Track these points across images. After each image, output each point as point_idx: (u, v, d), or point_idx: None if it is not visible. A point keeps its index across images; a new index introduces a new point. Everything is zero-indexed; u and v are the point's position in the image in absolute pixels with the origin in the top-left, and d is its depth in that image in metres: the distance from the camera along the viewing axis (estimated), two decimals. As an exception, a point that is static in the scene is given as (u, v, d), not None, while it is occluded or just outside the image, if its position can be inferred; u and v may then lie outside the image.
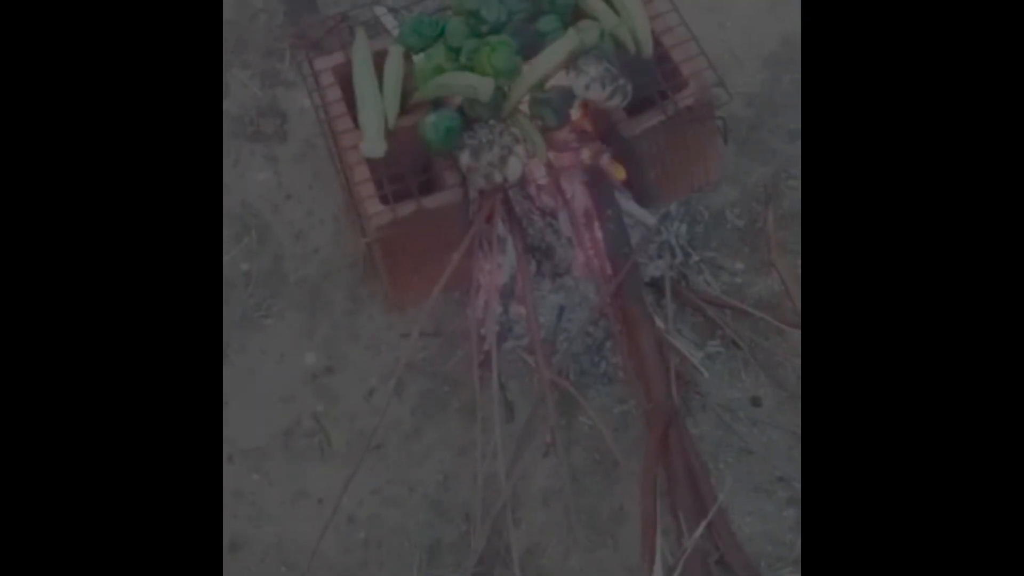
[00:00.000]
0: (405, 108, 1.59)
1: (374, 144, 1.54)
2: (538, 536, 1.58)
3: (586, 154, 1.63)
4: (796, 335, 1.67)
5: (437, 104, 1.57)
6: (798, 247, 1.77)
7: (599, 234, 1.69)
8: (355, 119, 1.60)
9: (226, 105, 2.02)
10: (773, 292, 1.75)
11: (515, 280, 1.70)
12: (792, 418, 1.64)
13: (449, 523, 1.61)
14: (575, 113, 1.55)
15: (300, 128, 1.99)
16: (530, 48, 1.55)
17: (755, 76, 1.95)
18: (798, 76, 1.95)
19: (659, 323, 1.63)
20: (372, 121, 1.55)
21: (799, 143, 1.88)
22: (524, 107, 1.55)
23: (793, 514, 1.58)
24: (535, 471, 1.63)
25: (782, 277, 1.70)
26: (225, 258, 1.84)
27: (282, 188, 1.94)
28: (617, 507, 1.61)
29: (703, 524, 1.42)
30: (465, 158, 1.48)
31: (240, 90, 2.04)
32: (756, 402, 1.67)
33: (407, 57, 1.62)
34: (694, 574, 1.41)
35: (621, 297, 1.63)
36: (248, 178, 1.95)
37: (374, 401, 1.72)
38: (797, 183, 1.85)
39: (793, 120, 1.91)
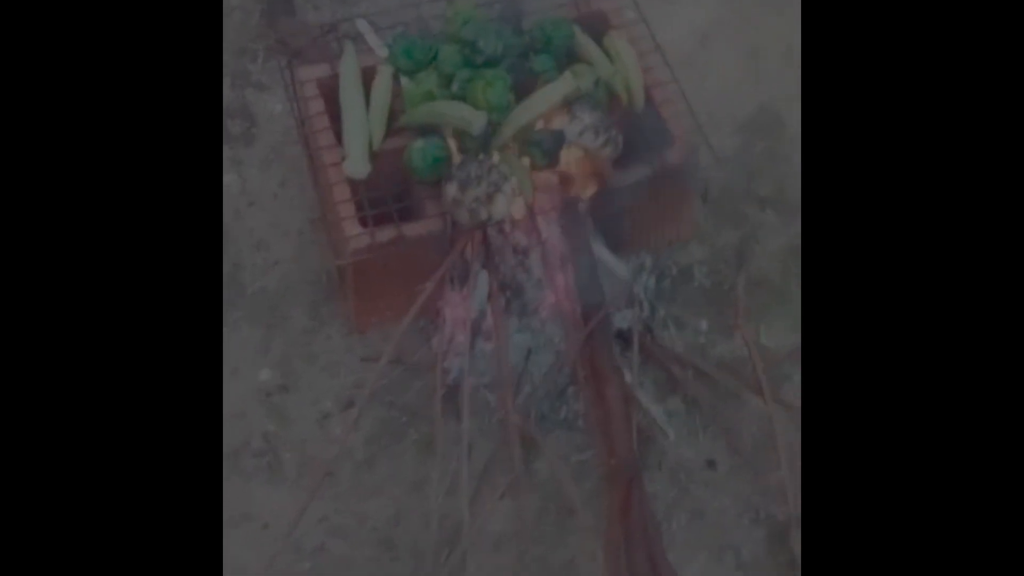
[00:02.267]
0: (390, 130, 1.57)
1: (358, 164, 1.51)
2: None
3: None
4: (754, 402, 1.70)
5: (423, 130, 1.55)
6: (761, 314, 1.80)
7: (571, 278, 1.69)
8: (337, 135, 1.56)
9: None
10: (735, 355, 1.77)
11: (483, 316, 1.68)
12: (745, 485, 1.65)
13: (396, 560, 1.57)
14: (567, 155, 1.54)
15: (269, 134, 1.93)
16: (522, 85, 1.55)
17: (729, 139, 1.98)
18: (771, 144, 2.00)
19: (627, 377, 1.62)
20: (357, 140, 1.52)
21: (769, 210, 1.92)
22: (512, 143, 1.54)
23: (740, 581, 1.59)
24: (490, 514, 1.60)
25: (747, 342, 1.72)
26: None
27: (245, 194, 1.88)
28: (569, 559, 1.59)
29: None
30: (452, 190, 1.46)
31: (210, 88, 1.98)
32: (711, 465, 1.69)
33: (395, 78, 1.59)
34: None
35: (591, 346, 1.62)
36: (211, 180, 1.89)
37: (328, 426, 1.67)
38: (763, 249, 1.88)
39: (764, 187, 1.95)
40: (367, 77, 1.58)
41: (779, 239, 1.90)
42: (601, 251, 1.73)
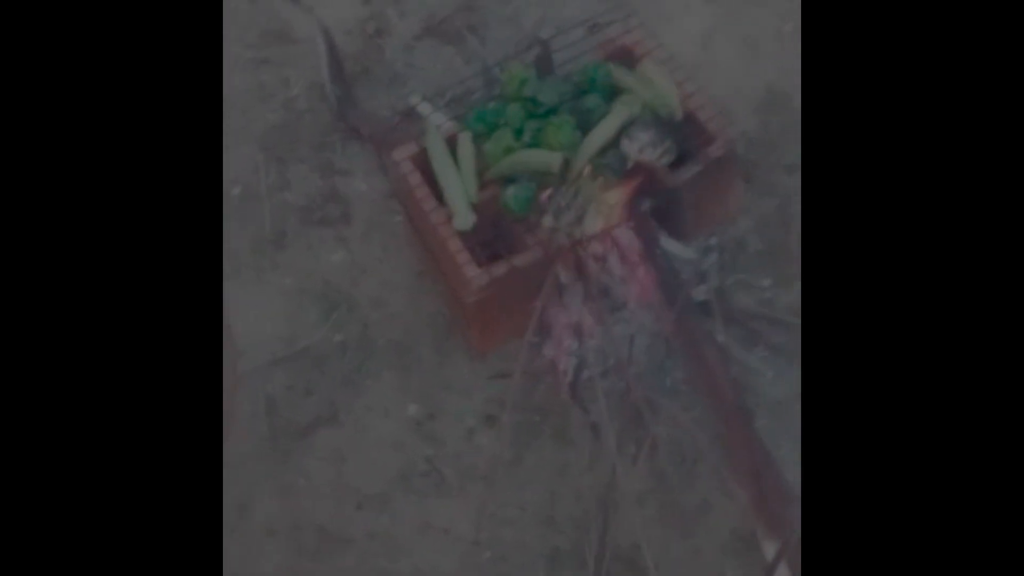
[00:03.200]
0: (481, 185, 1.87)
1: (465, 217, 1.81)
2: (639, 533, 1.85)
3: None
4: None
5: (509, 179, 1.85)
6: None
7: (650, 270, 1.99)
8: (438, 198, 1.87)
9: (291, 197, 2.25)
10: (798, 301, 2.07)
11: (584, 318, 1.98)
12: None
13: (561, 533, 1.86)
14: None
15: (362, 211, 2.24)
16: (581, 122, 1.86)
17: (748, 122, 2.28)
18: (784, 118, 2.30)
19: (719, 339, 1.92)
20: (459, 198, 1.82)
21: (795, 175, 2.22)
22: (586, 172, 1.85)
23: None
24: (627, 478, 1.89)
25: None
26: (319, 333, 2.08)
27: (356, 264, 2.18)
28: (702, 499, 1.89)
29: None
30: (549, 221, 1.77)
31: (301, 182, 2.28)
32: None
33: (473, 141, 1.90)
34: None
35: (681, 321, 1.92)
36: (324, 260, 2.18)
37: (475, 439, 1.97)
38: (798, 210, 2.18)
39: (788, 155, 2.24)
40: (450, 145, 1.88)
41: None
42: (668, 243, 2.03)
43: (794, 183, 2.20)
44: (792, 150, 2.26)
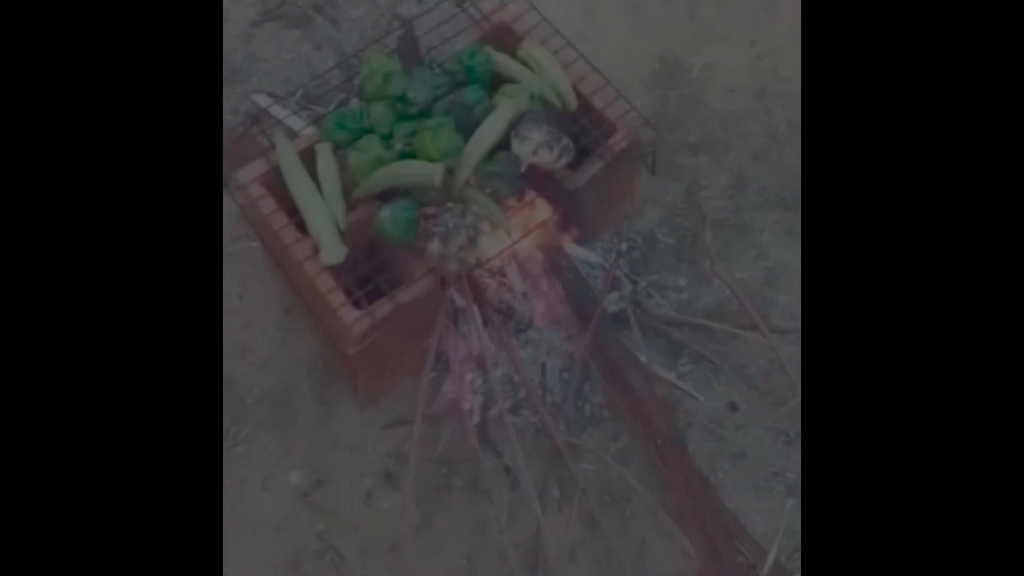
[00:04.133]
0: (349, 205, 1.55)
1: (333, 250, 1.49)
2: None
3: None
4: (751, 336, 1.78)
5: (382, 196, 1.54)
6: (727, 252, 1.88)
7: (555, 283, 1.73)
8: (299, 226, 1.54)
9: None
10: (719, 300, 1.85)
11: (485, 347, 1.70)
12: (769, 414, 1.74)
13: (487, 603, 1.61)
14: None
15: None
16: (461, 122, 1.55)
17: (643, 98, 2.03)
18: (684, 91, 2.06)
19: (641, 358, 1.68)
20: (324, 228, 1.50)
21: (702, 155, 1.99)
22: (473, 182, 1.55)
23: (794, 503, 1.68)
24: (554, 529, 1.64)
25: (728, 284, 1.79)
26: (171, 394, 1.73)
27: (207, 306, 1.84)
28: (639, 542, 1.65)
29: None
30: (435, 247, 1.47)
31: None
32: (734, 407, 1.76)
33: (335, 152, 1.58)
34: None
35: (598, 340, 1.67)
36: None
37: (375, 502, 1.68)
38: (710, 193, 1.95)
39: (691, 134, 2.01)
40: (306, 160, 1.55)
41: (720, 178, 1.97)
42: (573, 249, 1.77)
43: (699, 164, 1.98)
44: (694, 127, 2.03)
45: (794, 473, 1.70)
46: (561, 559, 1.62)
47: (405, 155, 1.52)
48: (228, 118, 1.99)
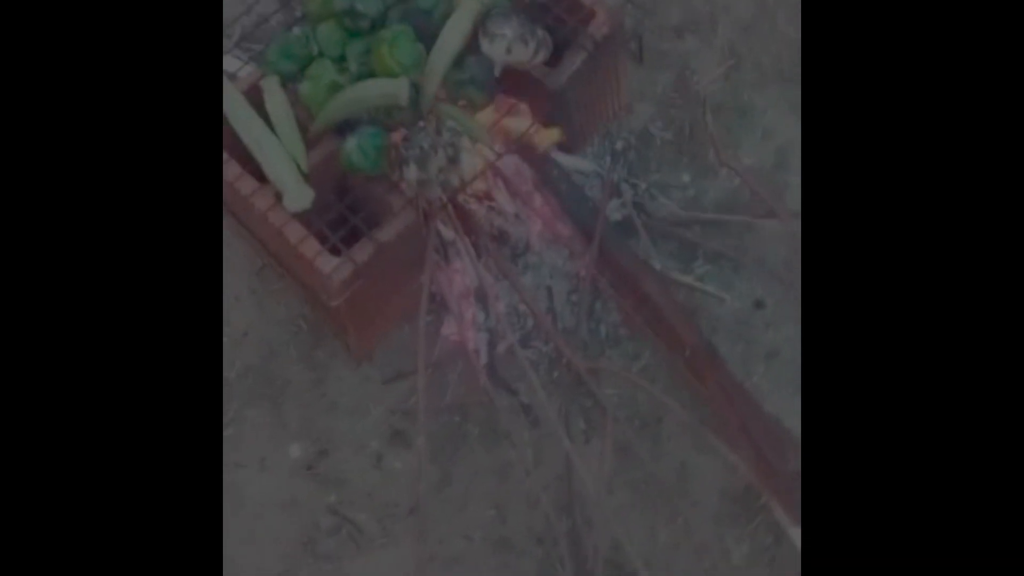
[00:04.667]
0: (308, 142, 1.37)
1: (299, 195, 1.31)
2: (616, 528, 1.47)
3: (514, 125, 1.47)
4: (769, 226, 1.63)
5: (345, 126, 1.36)
6: (731, 138, 1.71)
7: (550, 196, 1.56)
8: (256, 174, 1.36)
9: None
10: (728, 191, 1.69)
11: (483, 280, 1.54)
12: (798, 308, 1.60)
13: (524, 554, 1.47)
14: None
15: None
16: (421, 30, 1.36)
17: (614, -18, 1.84)
18: (659, -31, 1.87)
19: (654, 265, 1.52)
20: (284, 171, 1.32)
21: (687, 37, 1.81)
22: (444, 95, 1.37)
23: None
24: (585, 463, 1.50)
25: (737, 172, 1.64)
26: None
27: (171, 278, 1.66)
28: (678, 464, 1.52)
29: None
30: (412, 173, 1.29)
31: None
32: (760, 304, 1.62)
33: (283, 86, 1.39)
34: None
35: (605, 254, 1.51)
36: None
37: (386, 465, 1.53)
38: (702, 77, 1.77)
39: (672, 16, 1.82)
40: (253, 99, 1.37)
41: (710, 57, 1.79)
42: (563, 158, 1.59)
43: (686, 46, 1.80)
44: (674, 7, 1.84)
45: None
46: (597, 494, 1.48)
47: (362, 76, 1.33)
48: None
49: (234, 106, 1.36)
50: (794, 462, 1.42)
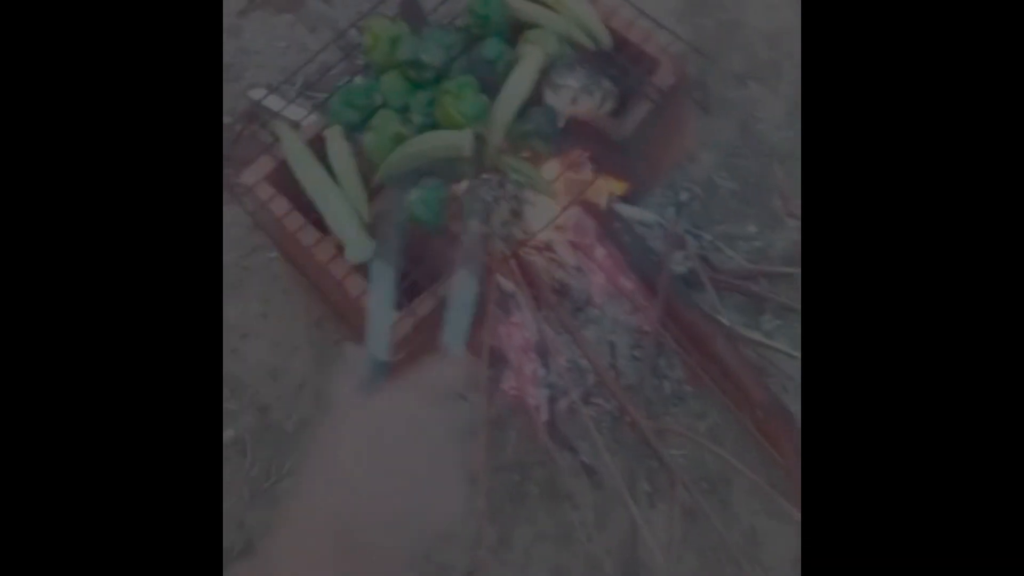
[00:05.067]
0: (371, 193, 1.35)
1: (360, 246, 1.29)
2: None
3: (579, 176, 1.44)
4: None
5: (407, 178, 1.33)
6: (799, 187, 1.66)
7: (612, 248, 1.52)
8: (317, 224, 1.35)
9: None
10: (796, 242, 1.63)
11: (543, 334, 1.50)
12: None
13: (587, 621, 1.41)
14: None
15: (224, 254, 1.69)
16: (485, 80, 1.34)
17: (677, 30, 1.81)
18: (720, 16, 1.83)
19: (722, 320, 1.47)
20: (346, 222, 1.30)
21: (750, 84, 1.77)
22: (507, 146, 1.34)
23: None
24: (651, 527, 1.44)
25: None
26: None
27: (231, 330, 1.64)
28: (748, 530, 1.45)
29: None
30: (474, 226, 1.26)
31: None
32: (832, 361, 1.56)
33: (347, 136, 1.37)
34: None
35: (672, 309, 1.46)
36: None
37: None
38: (767, 124, 1.73)
39: (733, 62, 1.79)
40: (317, 150, 1.35)
41: (776, 104, 1.75)
42: (625, 209, 1.56)
43: (751, 94, 1.75)
44: (737, 55, 1.80)
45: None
46: (664, 560, 1.42)
47: (426, 127, 1.31)
48: (224, 119, 1.80)
49: (297, 156, 1.35)
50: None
